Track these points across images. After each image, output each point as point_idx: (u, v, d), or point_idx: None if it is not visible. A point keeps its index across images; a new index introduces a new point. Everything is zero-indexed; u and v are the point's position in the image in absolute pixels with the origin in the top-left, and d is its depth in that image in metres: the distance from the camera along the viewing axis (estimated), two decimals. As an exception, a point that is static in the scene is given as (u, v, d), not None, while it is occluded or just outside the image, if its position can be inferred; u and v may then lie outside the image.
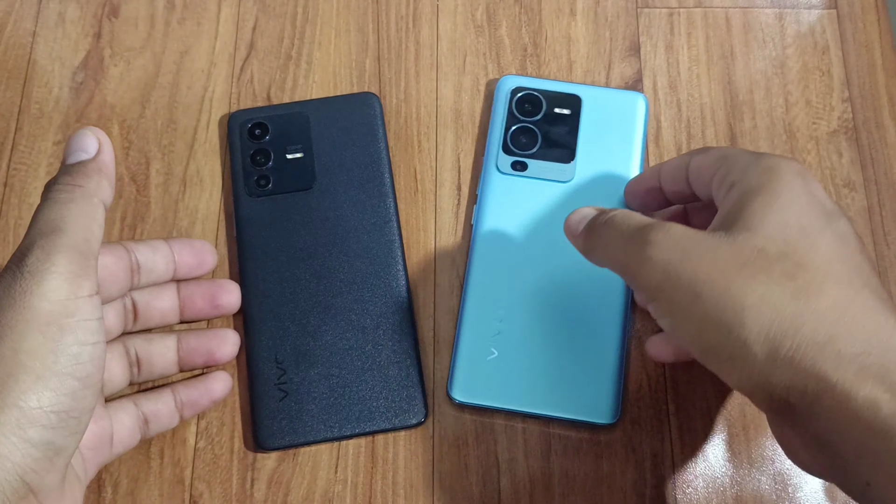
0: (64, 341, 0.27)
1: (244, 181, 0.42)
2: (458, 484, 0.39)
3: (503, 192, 0.41)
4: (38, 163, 0.44)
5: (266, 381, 0.39)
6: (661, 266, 0.30)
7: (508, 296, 0.40)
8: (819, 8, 0.47)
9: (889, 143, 0.44)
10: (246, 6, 0.47)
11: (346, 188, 0.42)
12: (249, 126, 0.42)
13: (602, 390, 0.38)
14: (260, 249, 0.41)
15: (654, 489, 0.38)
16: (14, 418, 0.26)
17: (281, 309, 0.40)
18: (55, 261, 0.28)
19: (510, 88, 0.43)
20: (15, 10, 0.47)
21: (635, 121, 0.43)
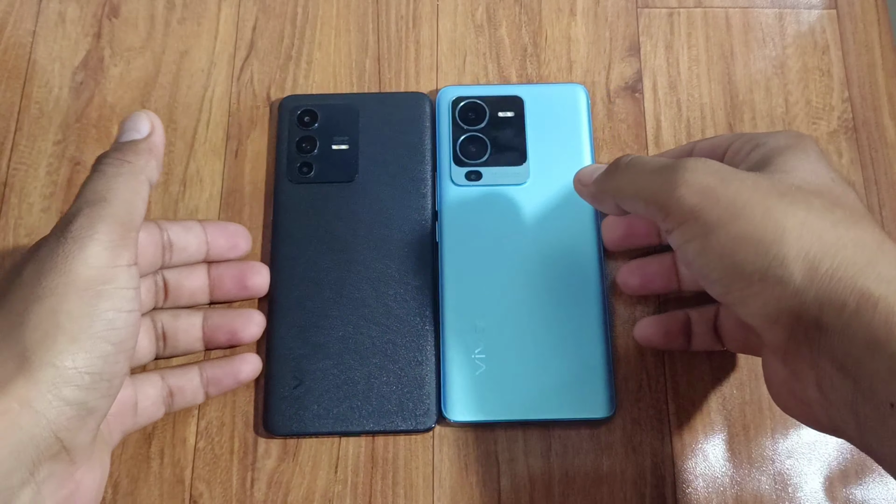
0: (100, 306, 0.28)
1: (287, 166, 0.42)
2: (458, 484, 0.39)
3: (461, 204, 0.41)
4: (38, 163, 0.44)
5: (283, 367, 0.39)
6: (699, 188, 0.30)
7: (485, 307, 0.40)
8: (819, 8, 0.47)
9: (889, 143, 0.44)
10: (246, 6, 0.47)
11: (386, 185, 0.42)
12: (299, 112, 0.43)
13: (594, 384, 0.38)
14: (294, 236, 0.41)
15: (654, 489, 0.38)
16: (50, 376, 0.27)
17: (307, 297, 0.40)
18: (98, 229, 0.29)
19: (450, 99, 0.43)
20: (15, 9, 0.47)
21: (579, 112, 0.43)
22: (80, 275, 0.28)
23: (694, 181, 0.30)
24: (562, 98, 0.43)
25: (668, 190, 0.30)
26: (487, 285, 0.40)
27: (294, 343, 0.39)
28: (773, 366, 0.31)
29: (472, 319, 0.39)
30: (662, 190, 0.31)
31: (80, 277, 0.28)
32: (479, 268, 0.40)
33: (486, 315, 0.39)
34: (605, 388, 0.38)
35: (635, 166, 0.33)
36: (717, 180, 0.30)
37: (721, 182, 0.30)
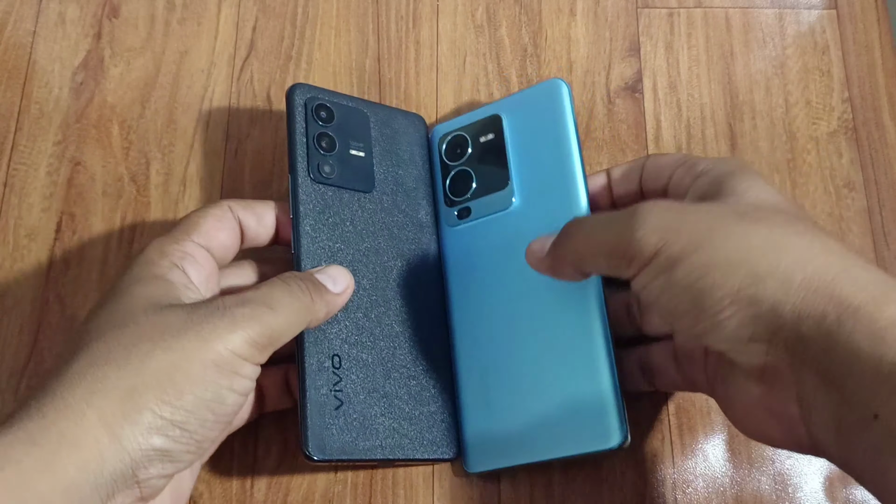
0: (219, 381, 0.29)
1: (308, 162, 0.38)
2: (458, 484, 0.39)
3: (457, 246, 0.40)
4: (37, 163, 0.44)
5: (321, 384, 0.35)
6: (657, 226, 0.30)
7: (493, 350, 0.38)
8: (819, 8, 0.47)
9: (889, 143, 0.44)
10: (246, 6, 0.47)
11: (401, 203, 0.40)
12: (315, 106, 0.39)
13: (605, 416, 0.35)
14: (322, 240, 0.37)
15: (654, 489, 0.38)
16: (146, 420, 0.28)
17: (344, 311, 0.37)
18: (253, 327, 0.30)
19: (438, 138, 0.42)
20: (15, 10, 0.47)
21: (560, 110, 0.39)
22: (214, 349, 0.29)
23: (651, 221, 0.30)
24: (539, 100, 0.40)
25: (627, 236, 0.30)
26: (492, 326, 0.38)
27: (329, 357, 0.36)
28: (744, 388, 0.30)
29: (483, 365, 0.38)
30: (621, 238, 0.30)
31: (213, 350, 0.29)
32: (481, 310, 0.39)
33: (495, 358, 0.38)
34: (617, 416, 0.35)
35: (587, 224, 0.33)
36: (674, 215, 0.30)
37: (678, 216, 0.30)
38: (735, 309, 0.28)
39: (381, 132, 0.41)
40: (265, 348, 0.31)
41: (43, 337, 0.41)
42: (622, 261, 0.30)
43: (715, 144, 0.44)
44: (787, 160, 0.44)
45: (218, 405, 0.29)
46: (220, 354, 0.29)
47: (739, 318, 0.28)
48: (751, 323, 0.28)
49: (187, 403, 0.28)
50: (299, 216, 0.37)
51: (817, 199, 0.43)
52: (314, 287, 0.33)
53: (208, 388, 0.29)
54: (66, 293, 0.42)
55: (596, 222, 0.33)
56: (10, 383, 0.40)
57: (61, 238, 0.43)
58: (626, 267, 0.30)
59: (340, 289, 0.34)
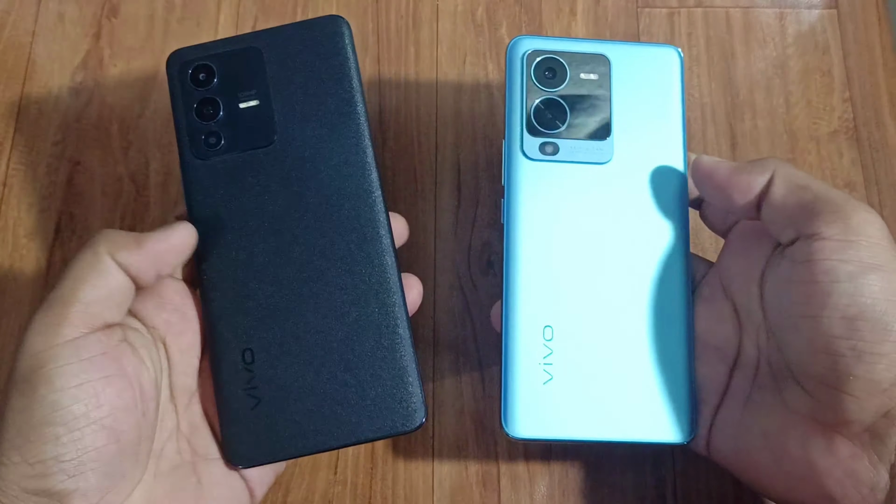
0: (38, 392, 0.28)
1: (189, 140, 0.34)
2: (458, 484, 0.39)
3: (534, 181, 0.35)
4: (37, 163, 0.44)
5: (234, 384, 0.33)
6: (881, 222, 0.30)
7: (556, 308, 0.34)
8: (820, 8, 0.47)
9: (889, 143, 0.44)
10: (245, 6, 0.47)
11: (314, 142, 0.34)
12: (191, 70, 0.34)
13: (675, 405, 0.33)
14: (215, 224, 0.33)
15: (654, 490, 0.38)
16: (3, 475, 0.27)
17: (246, 294, 0.33)
18: (35, 319, 0.29)
19: (524, 53, 0.36)
20: (14, 9, 0.47)
21: (672, 81, 0.36)
22: (19, 369, 0.28)
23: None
24: (654, 62, 0.37)
25: (846, 199, 0.30)
26: (560, 280, 0.34)
27: (239, 354, 0.33)
28: (828, 447, 0.29)
29: (541, 319, 0.34)
30: (840, 195, 0.30)
31: (18, 372, 0.28)
32: (550, 260, 0.34)
33: (558, 316, 0.34)
34: (687, 409, 0.33)
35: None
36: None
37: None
38: (894, 347, 0.27)
39: (281, 64, 0.35)
40: (60, 320, 0.29)
41: (42, 337, 0.41)
42: (837, 214, 0.29)
43: (716, 144, 0.44)
44: (788, 160, 0.44)
45: (56, 413, 0.28)
46: (24, 367, 0.28)
47: (894, 359, 0.27)
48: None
49: (28, 435, 0.27)
50: (190, 203, 0.34)
51: (818, 199, 0.43)
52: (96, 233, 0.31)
53: (34, 407, 0.28)
54: (65, 293, 0.42)
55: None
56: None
57: (61, 238, 0.43)
58: (834, 220, 0.29)
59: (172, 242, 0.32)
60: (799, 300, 0.29)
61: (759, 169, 0.32)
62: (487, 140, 0.44)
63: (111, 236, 0.31)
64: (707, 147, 0.44)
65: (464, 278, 0.42)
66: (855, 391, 0.28)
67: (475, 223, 0.43)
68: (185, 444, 0.32)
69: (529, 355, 0.34)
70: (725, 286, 0.34)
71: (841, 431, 0.29)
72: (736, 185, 0.32)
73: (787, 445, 0.30)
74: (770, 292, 0.32)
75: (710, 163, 0.33)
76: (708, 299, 0.34)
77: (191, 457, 0.32)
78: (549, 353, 0.34)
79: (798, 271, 0.30)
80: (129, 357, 0.30)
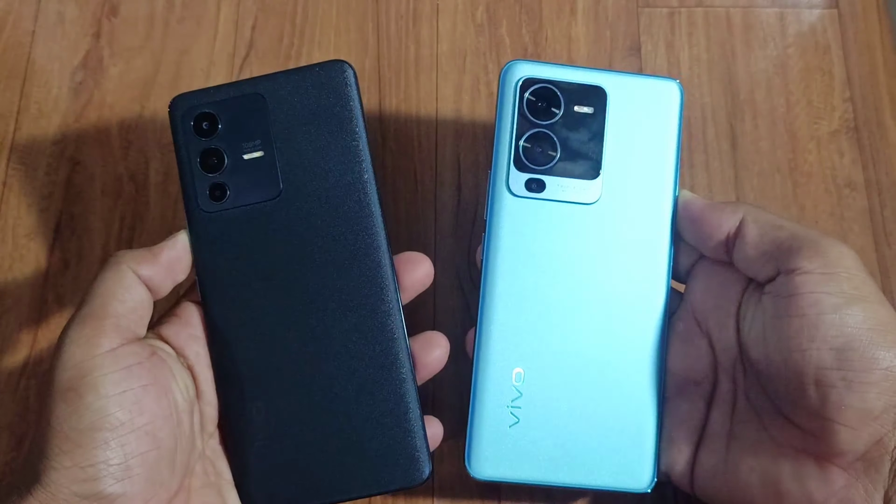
0: (85, 400, 0.29)
1: (196, 192, 0.33)
2: (458, 485, 0.38)
3: (517, 219, 0.34)
4: (37, 163, 0.44)
5: (249, 437, 0.33)
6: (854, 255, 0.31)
7: (529, 350, 0.34)
8: (820, 7, 0.47)
9: (890, 143, 0.44)
10: (245, 5, 0.47)
11: (320, 193, 0.33)
12: (194, 119, 0.33)
13: (639, 454, 0.34)
14: (225, 278, 0.33)
15: (654, 490, 0.38)
16: (55, 479, 0.28)
17: (257, 349, 0.33)
18: (71, 330, 0.30)
19: (519, 80, 0.35)
20: (14, 9, 0.47)
21: (669, 117, 0.35)
22: (59, 378, 0.29)
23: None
24: (653, 96, 0.35)
25: (821, 235, 0.31)
26: (534, 322, 0.34)
27: (251, 408, 0.33)
28: (823, 477, 0.29)
29: (512, 361, 0.34)
30: (814, 232, 0.31)
31: (59, 381, 0.29)
32: (526, 301, 0.34)
33: (530, 358, 0.34)
34: (651, 459, 0.34)
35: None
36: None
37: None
38: (884, 375, 0.28)
39: (283, 113, 0.34)
40: (98, 331, 0.30)
41: (42, 337, 0.41)
42: (811, 250, 0.30)
43: (716, 144, 0.44)
44: (788, 160, 0.44)
45: (103, 419, 0.28)
46: (65, 378, 0.29)
47: (881, 388, 0.28)
48: (888, 399, 0.28)
49: (77, 440, 0.28)
50: (197, 256, 0.33)
51: (818, 199, 0.43)
52: (120, 251, 0.33)
53: (82, 414, 0.28)
54: (65, 293, 0.42)
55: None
56: (9, 383, 0.40)
57: (60, 238, 0.43)
58: (811, 257, 0.30)
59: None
60: (787, 334, 0.30)
61: (730, 209, 0.33)
62: (487, 140, 0.44)
63: (129, 254, 0.32)
64: (707, 147, 0.44)
65: (464, 278, 0.42)
66: (848, 421, 0.28)
67: (475, 223, 0.43)
68: (211, 466, 0.33)
69: (498, 397, 0.34)
70: (700, 322, 0.34)
71: (834, 462, 0.29)
72: (707, 220, 0.33)
73: (781, 480, 0.30)
74: (752, 330, 0.32)
75: (687, 196, 0.35)
76: (684, 336, 0.35)
77: (216, 479, 0.33)
78: (517, 397, 0.34)
79: (783, 306, 0.30)
80: (161, 369, 0.31)
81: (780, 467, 0.30)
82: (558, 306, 0.34)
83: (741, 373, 0.33)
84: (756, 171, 0.44)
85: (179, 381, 0.32)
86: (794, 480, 0.30)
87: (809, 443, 0.30)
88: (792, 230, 0.31)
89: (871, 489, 0.28)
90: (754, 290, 0.33)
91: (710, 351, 0.34)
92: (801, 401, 0.29)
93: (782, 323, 0.30)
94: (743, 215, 0.33)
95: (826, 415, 0.29)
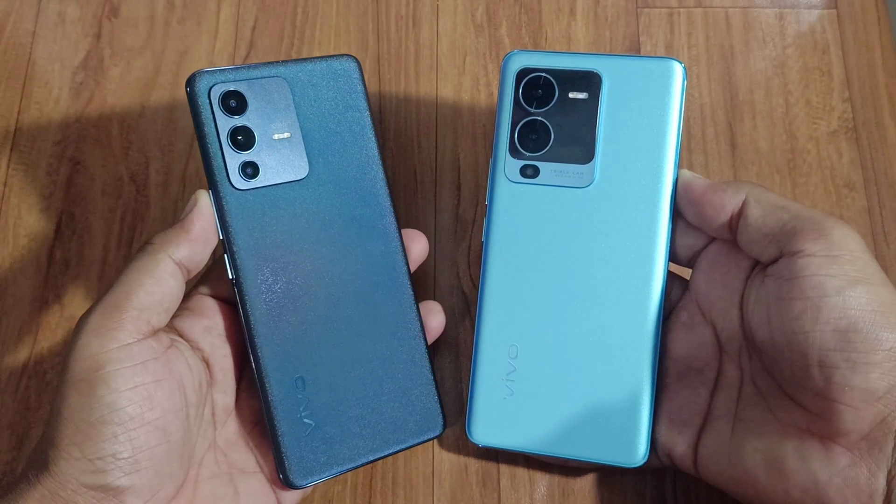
0: (97, 392, 0.29)
1: (226, 169, 0.33)
2: (458, 484, 0.39)
3: (513, 204, 0.36)
4: (37, 163, 0.44)
5: (290, 411, 0.34)
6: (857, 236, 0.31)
7: (526, 327, 0.35)
8: (819, 8, 0.47)
9: (889, 143, 0.44)
10: (246, 6, 0.47)
11: (340, 178, 0.35)
12: (223, 94, 0.33)
13: (630, 429, 0.34)
14: (257, 255, 0.34)
15: (655, 490, 0.38)
16: (64, 469, 0.28)
17: (290, 323, 0.34)
18: (88, 320, 0.30)
19: (516, 70, 0.36)
20: (15, 9, 0.47)
21: (669, 97, 0.35)
22: (74, 369, 0.29)
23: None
24: (651, 77, 0.35)
25: (824, 216, 0.31)
26: (528, 304, 0.35)
27: (292, 380, 0.34)
28: (827, 457, 0.29)
29: (509, 338, 0.35)
30: (817, 213, 0.31)
31: (73, 371, 0.29)
32: (523, 282, 0.35)
33: (524, 337, 0.35)
34: (643, 434, 0.34)
35: None
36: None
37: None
38: (887, 356, 0.28)
39: (305, 97, 0.35)
40: (116, 323, 0.30)
41: (43, 337, 0.41)
42: (814, 231, 0.30)
43: (715, 144, 0.44)
44: (788, 160, 0.44)
45: (114, 413, 0.29)
46: (79, 368, 0.29)
47: (884, 368, 0.28)
48: (894, 374, 0.28)
49: (88, 432, 0.29)
50: (230, 236, 0.33)
51: (817, 199, 0.43)
52: (157, 235, 0.33)
53: (93, 406, 0.29)
54: (65, 293, 0.42)
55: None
56: (9, 383, 0.40)
57: (61, 238, 0.43)
58: (814, 239, 0.30)
59: (188, 210, 0.33)
60: (790, 317, 0.30)
61: (732, 189, 0.33)
62: (487, 140, 0.44)
63: (165, 238, 0.32)
64: (707, 147, 0.44)
65: (464, 278, 0.42)
66: (852, 401, 0.28)
67: (475, 223, 0.43)
68: (223, 456, 0.34)
69: (494, 371, 0.35)
70: (705, 311, 0.35)
71: (838, 442, 0.29)
72: (710, 201, 0.33)
73: (786, 459, 0.30)
74: (755, 313, 0.32)
75: (688, 177, 0.34)
76: (688, 325, 0.35)
77: (228, 468, 0.34)
78: (512, 371, 0.35)
79: (786, 288, 0.30)
80: (176, 362, 0.31)
81: (784, 447, 0.30)
82: (554, 287, 0.35)
83: (747, 358, 0.33)
84: (755, 171, 0.44)
85: (195, 373, 0.32)
86: (799, 460, 0.30)
87: (813, 423, 0.30)
88: (795, 211, 0.31)
89: (875, 468, 0.29)
90: (758, 273, 0.33)
91: (715, 339, 0.34)
92: (806, 382, 0.30)
93: (785, 305, 0.30)
94: (746, 196, 0.33)
95: (830, 396, 0.29)
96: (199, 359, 0.33)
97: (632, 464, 0.34)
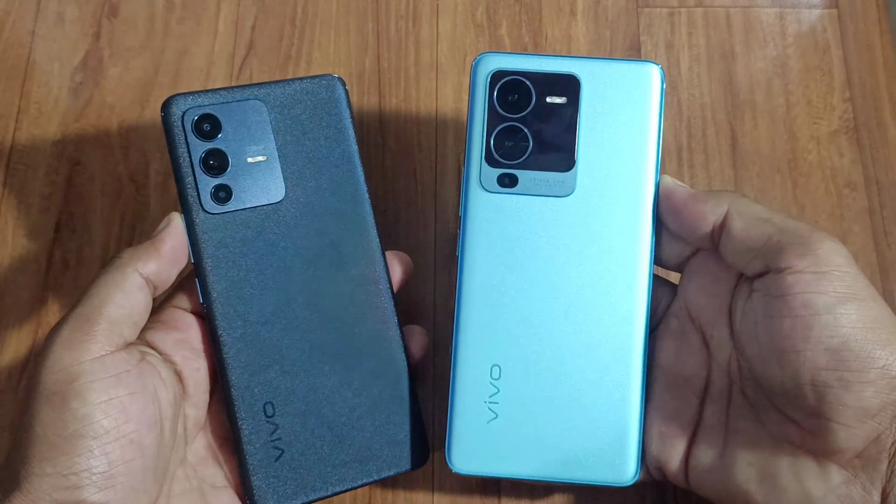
0: (70, 406, 0.28)
1: (198, 193, 0.33)
2: (459, 487, 0.39)
3: (490, 215, 0.34)
4: (37, 163, 0.44)
5: (257, 437, 0.33)
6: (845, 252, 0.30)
7: (506, 345, 0.34)
8: (820, 7, 0.47)
9: (890, 143, 0.44)
10: (245, 5, 0.47)
11: (317, 197, 0.35)
12: (195, 119, 0.33)
13: (620, 447, 0.33)
14: (228, 280, 0.33)
15: (654, 490, 0.38)
16: (36, 486, 0.27)
17: (262, 349, 0.33)
18: (59, 333, 0.29)
19: (489, 73, 0.34)
20: (14, 9, 0.47)
21: (647, 102, 0.34)
22: (45, 382, 0.28)
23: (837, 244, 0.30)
24: (630, 81, 0.34)
25: (810, 230, 0.30)
26: (511, 316, 0.34)
27: (261, 407, 0.33)
28: (821, 474, 0.29)
29: (489, 358, 0.34)
30: (803, 226, 0.30)
31: (45, 385, 0.28)
32: (503, 298, 0.34)
33: (506, 357, 0.34)
34: (633, 452, 0.33)
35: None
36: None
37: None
38: (880, 374, 0.28)
39: (283, 120, 0.34)
40: (88, 336, 0.29)
41: (42, 337, 0.41)
42: (798, 245, 0.30)
43: (716, 144, 0.44)
44: (788, 160, 0.44)
45: (89, 426, 0.28)
46: (51, 381, 0.28)
47: (878, 387, 0.28)
48: (885, 397, 0.28)
49: (62, 447, 0.28)
50: (201, 260, 0.33)
51: (818, 199, 0.43)
52: (126, 250, 0.32)
53: (67, 420, 0.28)
54: (65, 293, 0.42)
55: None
56: (9, 383, 0.40)
57: (60, 238, 0.43)
58: (800, 256, 0.29)
59: (160, 228, 0.33)
60: (780, 335, 0.30)
61: (714, 200, 0.32)
62: (487, 140, 0.44)
63: (133, 253, 0.31)
64: (707, 147, 0.44)
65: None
66: (846, 420, 0.28)
67: (475, 223, 0.43)
68: (193, 471, 0.33)
69: (475, 394, 0.34)
70: (693, 318, 0.34)
71: (832, 459, 0.29)
72: (691, 211, 0.33)
73: (779, 475, 0.30)
74: (744, 327, 0.32)
75: (671, 184, 0.34)
76: (677, 332, 0.34)
77: (198, 483, 0.33)
78: (495, 392, 0.33)
79: (775, 306, 0.30)
80: (149, 375, 0.30)
81: (777, 463, 0.30)
82: (535, 302, 0.34)
83: (737, 367, 0.33)
84: (756, 171, 0.44)
85: (168, 386, 0.31)
86: (792, 477, 0.30)
87: (807, 440, 0.30)
88: (780, 224, 0.31)
89: (870, 486, 0.28)
90: (744, 284, 0.32)
91: (704, 347, 0.34)
92: (798, 400, 0.29)
93: (775, 323, 0.30)
94: (728, 207, 0.32)
95: (823, 414, 0.29)
96: (172, 371, 0.32)
97: (623, 483, 0.33)
